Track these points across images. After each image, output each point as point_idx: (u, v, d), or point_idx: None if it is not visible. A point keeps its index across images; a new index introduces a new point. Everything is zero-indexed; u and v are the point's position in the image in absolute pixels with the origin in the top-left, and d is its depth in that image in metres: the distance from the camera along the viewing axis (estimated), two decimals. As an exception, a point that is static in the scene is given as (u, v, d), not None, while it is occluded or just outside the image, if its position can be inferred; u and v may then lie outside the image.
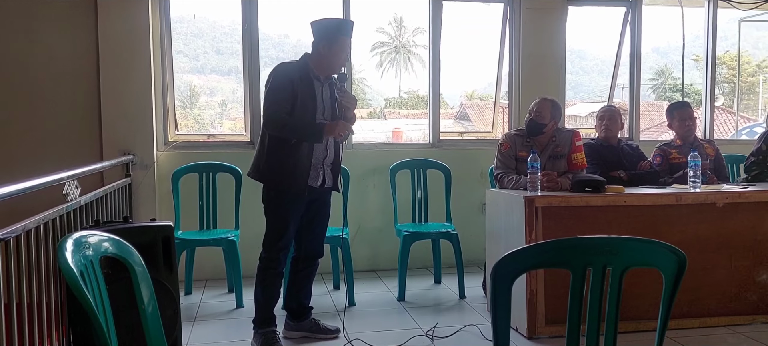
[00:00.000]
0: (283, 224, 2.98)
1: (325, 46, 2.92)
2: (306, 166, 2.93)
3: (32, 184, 2.34)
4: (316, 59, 2.97)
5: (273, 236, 3.00)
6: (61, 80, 4.19)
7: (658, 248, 1.39)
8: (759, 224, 3.41)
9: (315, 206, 3.10)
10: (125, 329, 1.85)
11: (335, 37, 2.92)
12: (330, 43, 2.92)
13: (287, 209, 2.97)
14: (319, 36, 2.95)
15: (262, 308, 3.06)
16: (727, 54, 17.55)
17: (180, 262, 3.67)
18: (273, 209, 2.99)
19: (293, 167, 2.91)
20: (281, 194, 2.95)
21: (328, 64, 2.96)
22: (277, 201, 2.98)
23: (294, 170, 2.91)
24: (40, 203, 2.50)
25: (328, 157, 3.03)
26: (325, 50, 2.93)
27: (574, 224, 3.20)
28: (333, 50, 2.92)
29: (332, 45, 2.92)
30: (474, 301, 3.91)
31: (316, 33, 2.96)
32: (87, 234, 1.44)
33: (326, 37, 2.92)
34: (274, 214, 3.00)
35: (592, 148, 3.90)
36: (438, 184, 4.45)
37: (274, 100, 2.89)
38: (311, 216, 3.11)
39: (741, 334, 3.26)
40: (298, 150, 2.90)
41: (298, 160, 2.91)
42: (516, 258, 1.39)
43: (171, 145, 4.44)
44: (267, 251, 3.03)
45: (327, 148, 3.01)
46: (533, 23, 4.88)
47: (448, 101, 20.87)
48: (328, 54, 2.93)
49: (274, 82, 2.93)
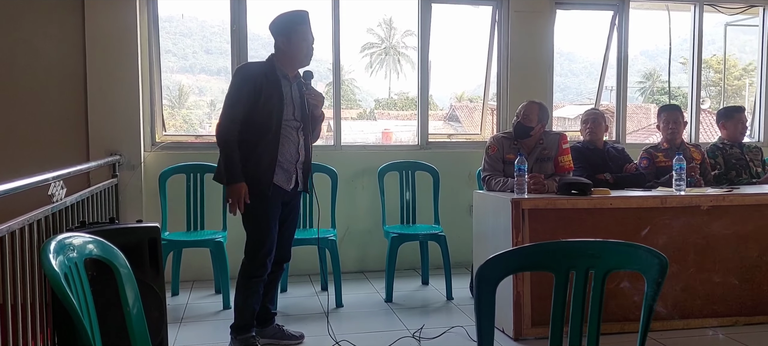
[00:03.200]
0: (264, 229, 2.94)
1: (284, 41, 2.91)
2: (268, 163, 2.88)
3: (17, 185, 2.32)
4: (280, 57, 2.95)
5: (256, 244, 2.95)
6: (47, 79, 4.16)
7: (640, 252, 1.41)
8: (743, 227, 3.45)
9: (287, 209, 3.07)
10: (111, 330, 1.85)
11: (292, 29, 2.90)
12: (288, 37, 2.90)
13: (263, 209, 2.93)
14: (277, 33, 2.94)
15: (243, 315, 3.00)
16: (714, 57, 17.71)
17: (167, 263, 3.66)
18: (252, 215, 2.94)
19: (255, 165, 2.87)
20: (254, 198, 2.90)
21: (291, 58, 2.94)
22: (254, 206, 2.92)
23: (256, 168, 2.87)
24: (25, 203, 2.48)
25: (300, 159, 3.00)
26: (285, 46, 2.92)
27: (560, 226, 3.22)
28: (293, 43, 2.91)
29: (291, 38, 2.90)
30: (461, 302, 3.93)
31: (274, 32, 2.95)
32: (71, 236, 1.43)
33: (283, 32, 2.91)
34: (254, 220, 2.94)
35: (578, 151, 3.93)
36: (426, 185, 4.46)
37: (228, 111, 2.86)
38: (282, 219, 3.06)
39: (725, 335, 3.30)
40: (258, 147, 2.87)
41: (260, 157, 2.87)
42: (500, 261, 1.41)
43: (158, 145, 4.42)
44: (251, 259, 2.97)
45: (299, 150, 2.98)
46: (521, 26, 4.91)
47: (437, 103, 20.88)
48: (290, 48, 2.92)
49: (232, 87, 2.90)
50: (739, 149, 4.27)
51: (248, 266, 2.98)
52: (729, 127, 4.30)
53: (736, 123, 4.28)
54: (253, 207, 2.92)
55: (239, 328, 3.02)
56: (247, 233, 2.99)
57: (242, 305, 3.00)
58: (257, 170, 2.89)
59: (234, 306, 3.05)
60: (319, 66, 3.76)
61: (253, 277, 2.97)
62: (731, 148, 4.26)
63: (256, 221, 2.95)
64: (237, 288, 3.02)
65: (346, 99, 22.07)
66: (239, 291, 3.01)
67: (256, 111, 2.87)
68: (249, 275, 2.97)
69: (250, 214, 2.95)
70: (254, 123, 2.88)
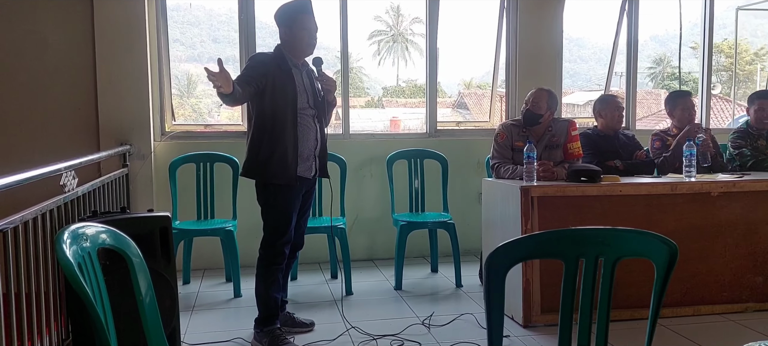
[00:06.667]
0: (284, 218, 2.95)
1: (287, 31, 2.94)
2: (293, 155, 2.90)
3: (30, 175, 2.35)
4: (286, 46, 2.97)
5: (275, 233, 2.96)
6: (57, 71, 4.18)
7: (649, 239, 1.41)
8: (753, 213, 3.43)
9: (305, 197, 3.10)
10: (124, 318, 1.87)
11: (293, 18, 2.92)
12: (290, 27, 2.93)
13: (287, 202, 2.95)
14: (279, 23, 2.97)
15: (267, 306, 3.00)
16: (726, 42, 17.54)
17: (178, 252, 3.69)
18: (272, 204, 2.95)
19: (281, 157, 2.89)
20: (278, 188, 2.92)
21: (296, 46, 2.96)
22: (275, 196, 2.94)
23: (282, 160, 2.89)
24: (37, 193, 2.51)
25: (318, 147, 3.03)
26: (288, 36, 2.95)
27: (569, 214, 3.21)
28: (294, 31, 2.93)
29: (293, 27, 2.92)
30: (470, 290, 3.94)
31: (277, 22, 2.98)
32: (84, 226, 1.45)
33: (285, 22, 2.94)
34: (274, 209, 2.96)
35: (588, 137, 3.91)
36: (435, 173, 4.46)
37: (241, 74, 2.89)
38: (299, 207, 3.09)
39: (734, 322, 3.29)
40: (282, 140, 2.88)
41: (286, 149, 2.89)
42: (508, 249, 1.41)
43: (168, 135, 4.44)
44: (268, 248, 2.97)
45: (316, 138, 3.01)
46: (530, 12, 4.87)
47: (446, 90, 20.80)
48: (292, 37, 2.94)
49: (245, 67, 2.94)
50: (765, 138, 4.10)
51: (266, 254, 2.99)
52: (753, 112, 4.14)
53: (757, 109, 4.12)
54: (277, 200, 2.94)
55: (264, 319, 3.02)
56: (266, 223, 2.99)
57: (265, 295, 3.00)
58: (283, 164, 2.90)
59: (256, 298, 3.04)
60: (327, 54, 3.75)
61: (272, 265, 2.98)
62: (757, 139, 4.11)
63: (278, 213, 2.96)
64: (257, 278, 3.02)
65: (354, 87, 22.02)
66: (259, 280, 3.01)
67: (274, 102, 2.88)
68: (268, 263, 2.98)
69: (272, 206, 2.96)
70: (272, 115, 2.89)
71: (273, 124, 2.89)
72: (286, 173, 2.90)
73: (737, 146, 4.12)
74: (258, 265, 3.01)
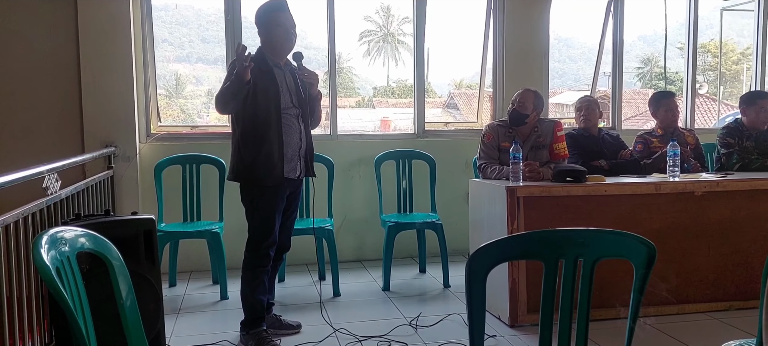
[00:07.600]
0: (269, 220, 2.95)
1: (264, 31, 2.97)
2: (279, 155, 2.90)
3: (11, 178, 2.33)
4: (266, 47, 2.99)
5: (260, 235, 2.96)
6: (40, 71, 4.14)
7: (628, 240, 1.42)
8: (736, 212, 3.46)
9: (290, 198, 3.09)
10: (108, 322, 1.85)
11: (268, 18, 2.95)
12: (266, 26, 2.95)
13: (270, 203, 2.95)
14: (258, 25, 2.99)
15: (253, 309, 3.00)
16: (712, 42, 17.65)
17: (164, 254, 3.67)
18: (257, 206, 2.95)
19: (267, 158, 2.88)
20: (262, 190, 2.92)
21: (274, 45, 2.97)
22: (259, 198, 2.94)
23: (268, 161, 2.88)
24: (19, 196, 2.49)
25: (302, 147, 3.02)
26: (266, 35, 2.97)
27: (555, 214, 3.23)
28: (270, 30, 2.95)
29: (268, 26, 2.94)
30: (458, 290, 3.94)
31: (256, 25, 3.00)
32: (63, 230, 1.44)
33: (262, 23, 2.97)
34: (258, 211, 2.95)
35: (573, 138, 3.94)
36: (423, 174, 4.47)
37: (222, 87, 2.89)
38: (284, 209, 3.08)
39: (718, 320, 3.32)
40: (267, 140, 2.88)
41: (271, 150, 2.88)
42: (489, 251, 1.41)
43: (154, 136, 4.41)
44: (253, 251, 2.97)
45: (300, 138, 3.00)
46: (517, 13, 4.89)
47: (436, 90, 20.83)
48: (270, 36, 2.96)
49: (227, 75, 2.94)
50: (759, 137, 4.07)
51: (251, 257, 2.99)
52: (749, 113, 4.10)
53: (758, 110, 4.07)
54: (262, 202, 2.94)
55: (250, 322, 3.01)
56: (251, 225, 2.99)
57: (250, 298, 3.00)
58: (269, 165, 2.89)
59: (242, 300, 3.03)
60: (316, 54, 3.74)
61: (257, 267, 2.98)
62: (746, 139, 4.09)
63: (262, 215, 2.95)
64: (242, 281, 3.02)
65: (344, 87, 21.97)
66: (245, 283, 3.01)
67: (256, 104, 2.87)
68: (253, 266, 2.98)
69: (257, 208, 2.96)
70: (255, 117, 2.88)
71: (257, 126, 2.88)
72: (272, 173, 2.90)
73: (726, 145, 4.11)
74: (243, 268, 3.01)
